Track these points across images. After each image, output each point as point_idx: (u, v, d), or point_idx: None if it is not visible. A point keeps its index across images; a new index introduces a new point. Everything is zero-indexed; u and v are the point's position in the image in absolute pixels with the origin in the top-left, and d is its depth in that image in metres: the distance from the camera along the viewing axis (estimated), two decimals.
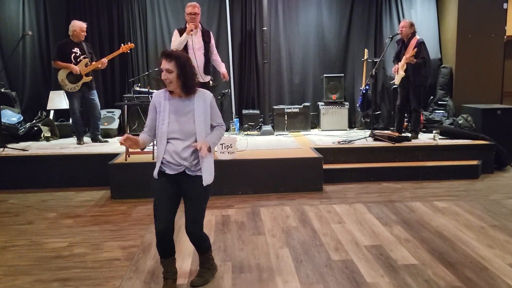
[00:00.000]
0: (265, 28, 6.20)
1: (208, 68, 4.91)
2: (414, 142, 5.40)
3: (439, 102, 6.41)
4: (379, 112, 6.62)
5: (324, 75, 6.51)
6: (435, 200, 4.27)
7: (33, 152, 5.10)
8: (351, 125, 6.70)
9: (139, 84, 6.02)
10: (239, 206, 4.21)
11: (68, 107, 5.62)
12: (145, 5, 6.41)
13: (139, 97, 5.59)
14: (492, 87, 6.33)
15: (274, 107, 6.46)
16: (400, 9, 6.59)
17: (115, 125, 6.18)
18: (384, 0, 6.59)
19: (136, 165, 4.49)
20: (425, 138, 5.60)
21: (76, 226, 3.76)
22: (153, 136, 2.62)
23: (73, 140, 5.73)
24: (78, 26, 5.36)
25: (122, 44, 5.45)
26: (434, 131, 5.44)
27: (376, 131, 5.74)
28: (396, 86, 5.78)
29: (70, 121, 5.82)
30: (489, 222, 3.66)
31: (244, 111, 6.47)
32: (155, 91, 2.68)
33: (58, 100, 6.23)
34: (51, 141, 5.79)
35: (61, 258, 3.12)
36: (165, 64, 2.45)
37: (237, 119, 6.42)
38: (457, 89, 6.37)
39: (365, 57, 6.35)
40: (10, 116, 5.87)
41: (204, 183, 2.53)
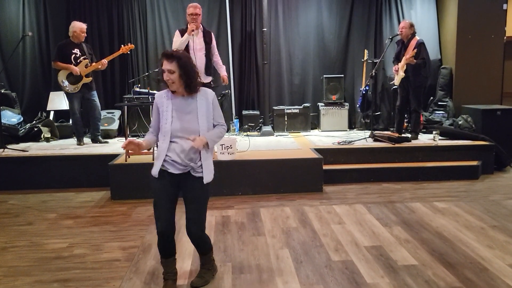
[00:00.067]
0: (265, 29, 6.20)
1: (209, 69, 4.91)
2: (414, 143, 5.40)
3: (439, 103, 6.41)
4: (379, 113, 6.62)
5: (324, 76, 6.52)
6: (435, 201, 4.27)
7: (33, 153, 5.10)
8: (351, 126, 6.71)
9: (139, 85, 6.03)
10: (239, 207, 4.21)
11: (68, 108, 5.62)
12: (145, 6, 6.42)
13: (139, 98, 5.59)
14: (492, 88, 6.34)
15: (274, 108, 6.46)
16: (400, 10, 6.60)
17: (115, 126, 6.19)
18: (384, 1, 6.59)
19: (136, 166, 4.49)
20: (425, 139, 5.60)
21: (76, 227, 3.76)
22: (158, 137, 2.62)
23: (73, 141, 5.74)
24: (78, 27, 5.36)
25: (122, 45, 5.45)
26: (434, 132, 5.44)
27: (376, 132, 5.74)
28: (396, 87, 5.79)
29: (70, 122, 5.82)
30: (489, 223, 3.66)
31: (244, 112, 6.48)
32: (157, 93, 2.67)
33: (58, 101, 6.23)
34: (51, 142, 5.79)
35: (61, 259, 3.12)
36: (167, 65, 2.45)
37: (237, 120, 6.43)
38: (457, 90, 6.37)
39: (365, 58, 6.36)
40: (10, 117, 5.88)
41: (204, 181, 2.53)
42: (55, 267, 2.99)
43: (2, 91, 6.07)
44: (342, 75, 6.58)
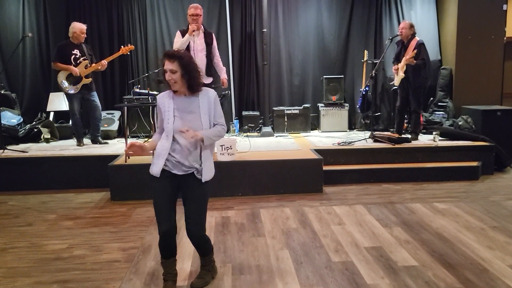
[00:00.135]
0: (265, 30, 6.20)
1: (210, 70, 4.92)
2: (414, 144, 5.40)
3: (439, 104, 6.41)
4: (379, 114, 6.62)
5: (324, 77, 6.52)
6: (435, 202, 4.27)
7: (33, 154, 5.09)
8: (351, 127, 6.71)
9: (139, 86, 6.03)
10: (239, 208, 4.20)
11: (68, 109, 5.62)
12: (145, 7, 6.42)
13: (139, 99, 5.59)
14: (492, 88, 6.34)
15: (274, 109, 6.46)
16: (400, 11, 6.60)
17: (115, 127, 6.19)
18: (384, 2, 6.60)
19: (136, 167, 4.48)
20: (425, 140, 5.60)
21: (76, 228, 3.76)
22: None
23: (73, 142, 5.74)
24: (78, 28, 5.36)
25: (122, 46, 5.44)
26: (434, 133, 5.44)
27: (376, 133, 5.74)
28: (396, 88, 5.79)
29: (70, 123, 5.82)
30: (489, 224, 3.66)
31: (244, 113, 6.48)
32: (159, 94, 2.66)
33: (58, 102, 6.24)
34: (51, 143, 5.79)
35: (61, 260, 3.12)
36: (168, 65, 2.45)
37: (237, 121, 6.43)
38: (457, 91, 6.37)
39: (365, 59, 6.36)
40: (10, 118, 5.88)
41: (203, 179, 2.52)
42: (55, 268, 2.99)
43: (2, 92, 6.07)
44: (342, 76, 6.58)
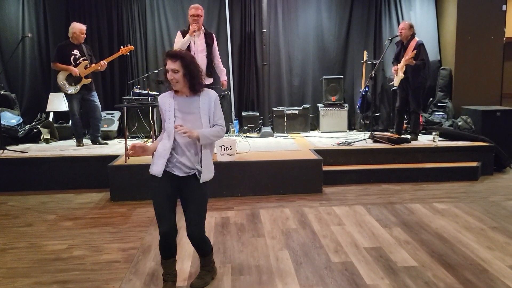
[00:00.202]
0: (265, 30, 6.21)
1: (210, 70, 4.92)
2: (414, 144, 5.40)
3: (439, 104, 6.42)
4: (379, 114, 6.63)
5: (324, 77, 6.52)
6: (435, 202, 4.27)
7: (33, 154, 5.09)
8: (351, 127, 6.71)
9: (139, 86, 6.03)
10: (239, 208, 4.20)
11: (68, 109, 5.62)
12: (145, 7, 6.42)
13: (139, 99, 5.59)
14: (492, 89, 6.34)
15: (274, 109, 6.46)
16: (400, 11, 6.61)
17: (115, 127, 6.19)
18: (384, 2, 6.60)
19: (136, 167, 4.48)
20: (425, 140, 5.60)
21: (76, 228, 3.76)
22: None
23: (73, 142, 5.74)
24: (78, 28, 5.36)
25: (122, 46, 5.44)
26: (434, 133, 5.44)
27: (376, 133, 5.74)
28: (396, 88, 5.79)
29: (70, 123, 5.82)
30: (489, 224, 3.66)
31: (244, 113, 6.48)
32: (159, 94, 2.67)
33: (58, 102, 6.24)
34: (51, 143, 5.79)
35: (61, 260, 3.12)
36: (171, 64, 2.45)
37: (237, 121, 6.43)
38: (457, 91, 6.37)
39: (365, 59, 6.36)
40: (10, 118, 5.87)
41: (202, 180, 2.52)
42: (55, 269, 2.99)
43: (2, 92, 6.07)
44: (342, 76, 6.59)
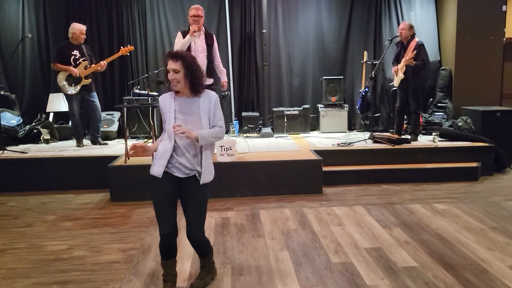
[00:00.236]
0: (265, 31, 6.21)
1: (210, 71, 4.93)
2: (414, 144, 5.40)
3: (439, 104, 6.42)
4: (379, 114, 6.63)
5: (324, 77, 6.52)
6: (435, 202, 4.27)
7: (33, 155, 5.09)
8: (351, 127, 6.71)
9: (139, 87, 6.03)
10: (239, 209, 4.20)
11: (68, 110, 5.62)
12: (145, 8, 6.42)
13: (139, 100, 5.59)
14: (491, 89, 6.34)
15: (274, 109, 6.46)
16: (400, 11, 6.61)
17: (115, 128, 6.19)
18: (384, 2, 6.60)
19: (136, 167, 4.48)
20: (425, 140, 5.60)
21: (76, 229, 3.75)
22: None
23: (73, 143, 5.74)
24: (78, 29, 5.36)
25: (122, 47, 5.44)
26: (434, 133, 5.44)
27: (376, 133, 5.74)
28: (396, 88, 5.79)
29: (70, 124, 5.82)
30: (489, 224, 3.66)
31: (244, 113, 6.48)
32: (160, 95, 2.66)
33: (58, 103, 6.24)
34: (51, 144, 5.78)
35: (60, 261, 3.11)
36: (172, 65, 2.46)
37: (237, 121, 6.43)
38: (457, 91, 6.38)
39: (365, 59, 6.36)
40: (10, 119, 5.88)
41: (202, 181, 2.52)
42: (54, 269, 2.98)
43: (2, 93, 6.07)
44: (342, 77, 6.59)
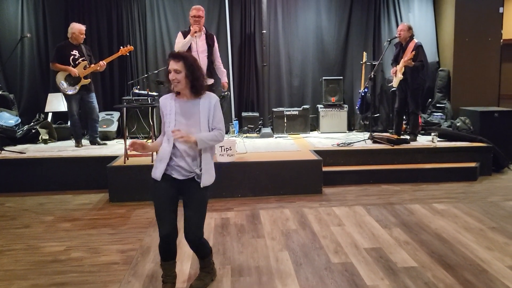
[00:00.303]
0: (265, 31, 6.21)
1: (211, 71, 4.93)
2: (413, 145, 5.40)
3: (437, 105, 6.43)
4: (378, 115, 6.64)
5: (323, 78, 6.53)
6: (434, 202, 4.28)
7: (31, 155, 5.07)
8: (350, 128, 6.71)
9: (138, 87, 6.02)
10: (239, 209, 4.20)
11: (66, 110, 5.61)
12: (145, 8, 6.41)
13: (138, 100, 5.58)
14: (489, 90, 6.37)
15: (274, 110, 6.46)
16: (398, 13, 6.63)
17: (114, 128, 6.18)
18: (382, 4, 6.62)
19: (135, 168, 4.47)
20: (424, 141, 5.61)
21: (74, 230, 3.74)
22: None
23: (71, 143, 5.72)
24: (77, 29, 5.35)
25: (121, 47, 5.43)
26: (433, 134, 5.45)
27: (375, 134, 5.75)
28: (395, 89, 5.80)
29: (68, 124, 5.81)
30: (488, 224, 3.66)
31: (244, 114, 6.48)
32: (161, 96, 2.66)
33: (56, 103, 6.22)
34: (49, 144, 5.77)
35: (58, 262, 3.10)
36: (173, 65, 2.45)
37: (237, 122, 6.43)
38: (455, 92, 6.39)
39: (364, 60, 6.37)
40: (8, 119, 5.86)
41: (202, 184, 2.51)
42: (52, 271, 2.97)
43: (0, 93, 6.05)
44: (341, 77, 6.59)
